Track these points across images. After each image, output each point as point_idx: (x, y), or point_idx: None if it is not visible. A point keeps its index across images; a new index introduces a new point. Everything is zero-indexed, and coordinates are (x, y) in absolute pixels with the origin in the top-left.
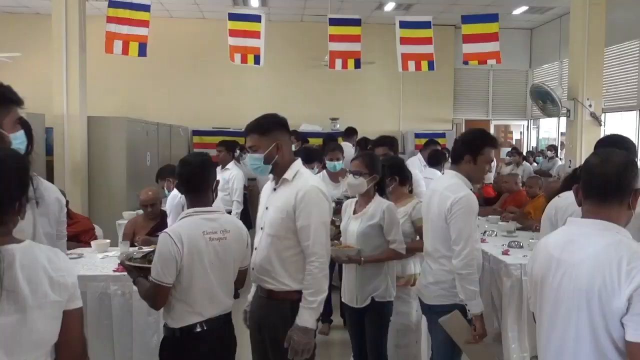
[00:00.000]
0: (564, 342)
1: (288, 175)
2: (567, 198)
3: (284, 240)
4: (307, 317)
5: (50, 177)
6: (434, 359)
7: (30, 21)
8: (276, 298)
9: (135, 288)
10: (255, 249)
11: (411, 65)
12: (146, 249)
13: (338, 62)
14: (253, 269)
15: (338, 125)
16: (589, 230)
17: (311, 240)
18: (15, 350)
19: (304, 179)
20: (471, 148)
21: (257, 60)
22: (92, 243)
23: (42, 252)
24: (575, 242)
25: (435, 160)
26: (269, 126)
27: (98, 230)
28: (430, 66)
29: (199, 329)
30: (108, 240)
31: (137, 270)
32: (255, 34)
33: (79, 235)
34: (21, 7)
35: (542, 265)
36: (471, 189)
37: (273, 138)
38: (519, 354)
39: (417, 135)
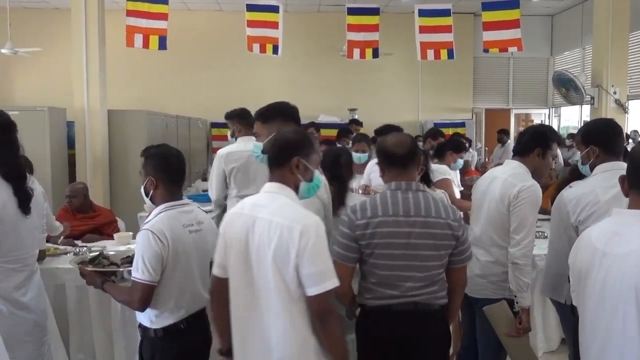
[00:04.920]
0: (609, 335)
1: None
2: (579, 187)
3: None
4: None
5: (72, 171)
6: (481, 353)
7: (50, 16)
8: None
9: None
10: None
11: (430, 54)
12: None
13: (356, 52)
14: None
15: (357, 116)
16: (635, 221)
17: None
18: None
19: None
20: (542, 142)
21: (275, 50)
22: (115, 235)
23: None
24: (621, 234)
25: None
26: (273, 115)
27: (120, 223)
28: (450, 55)
29: (182, 327)
30: (130, 233)
31: (100, 275)
32: (274, 25)
33: (101, 227)
34: (40, 2)
35: (585, 258)
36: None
37: (274, 127)
38: (545, 343)
39: (437, 125)
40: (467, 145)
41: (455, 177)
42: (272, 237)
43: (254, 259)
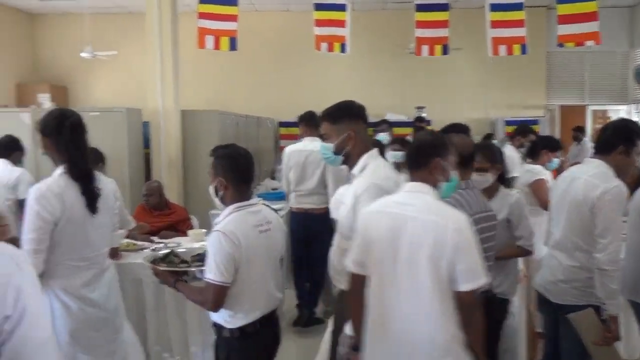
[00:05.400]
0: None
1: (356, 169)
2: None
3: (349, 240)
4: (350, 324)
5: (147, 169)
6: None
7: (125, 20)
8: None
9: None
10: (332, 246)
11: (502, 49)
12: (156, 245)
13: (425, 49)
14: (329, 265)
15: (424, 114)
16: None
17: None
18: None
19: (367, 173)
20: (626, 138)
21: (343, 48)
22: (189, 232)
23: None
24: None
25: None
26: (341, 115)
27: (194, 220)
28: (523, 50)
29: (257, 327)
30: (204, 230)
31: (172, 274)
32: (341, 23)
33: (176, 224)
34: (116, 7)
35: None
36: None
37: (345, 127)
38: (627, 351)
39: (508, 123)
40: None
41: (550, 177)
42: (426, 235)
43: (405, 256)
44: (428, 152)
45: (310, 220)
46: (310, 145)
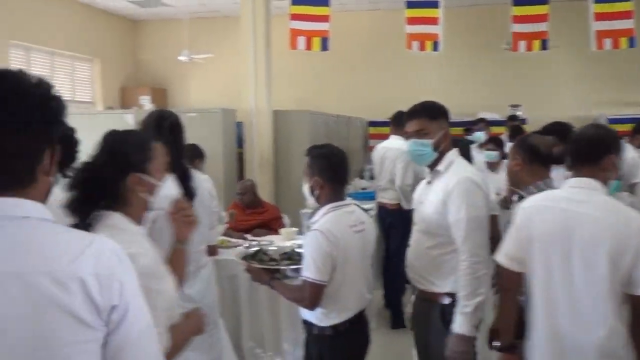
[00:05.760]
0: None
1: (441, 166)
2: None
3: (434, 237)
4: (459, 322)
5: (240, 169)
6: None
7: (220, 24)
8: (426, 298)
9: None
10: (409, 246)
11: (607, 43)
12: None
13: (522, 44)
14: (407, 266)
15: (520, 112)
16: None
17: (461, 237)
18: None
19: (456, 169)
20: None
21: (435, 46)
22: (281, 231)
23: None
24: None
25: None
26: (439, 112)
27: (285, 219)
28: (631, 43)
29: (348, 326)
30: (296, 229)
31: (267, 272)
32: (433, 20)
33: (268, 222)
34: (212, 12)
35: None
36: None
37: (442, 125)
38: None
39: (611, 121)
40: None
41: None
42: (606, 234)
43: (579, 255)
44: (601, 148)
45: (385, 214)
46: (393, 143)
